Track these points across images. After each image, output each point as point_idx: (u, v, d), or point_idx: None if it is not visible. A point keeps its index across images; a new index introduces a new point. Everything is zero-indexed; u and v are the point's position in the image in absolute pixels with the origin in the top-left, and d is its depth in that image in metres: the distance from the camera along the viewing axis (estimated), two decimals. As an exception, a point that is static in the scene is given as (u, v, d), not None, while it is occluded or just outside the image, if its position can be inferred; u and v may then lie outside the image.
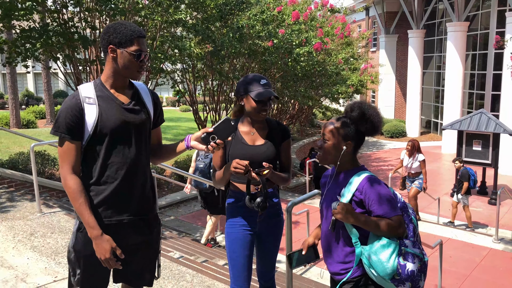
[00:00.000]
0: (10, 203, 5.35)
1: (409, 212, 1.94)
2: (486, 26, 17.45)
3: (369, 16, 27.04)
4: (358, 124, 1.91)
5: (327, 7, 14.89)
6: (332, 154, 1.95)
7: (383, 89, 24.81)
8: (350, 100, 20.36)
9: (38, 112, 22.83)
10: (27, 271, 3.51)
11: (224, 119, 1.95)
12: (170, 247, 4.59)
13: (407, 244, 1.85)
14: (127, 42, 1.83)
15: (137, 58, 1.85)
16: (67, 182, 1.83)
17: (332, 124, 1.95)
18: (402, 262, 1.82)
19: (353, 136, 1.92)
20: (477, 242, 6.79)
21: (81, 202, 1.81)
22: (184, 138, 2.04)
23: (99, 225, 1.83)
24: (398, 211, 1.86)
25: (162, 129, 3.37)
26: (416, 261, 1.84)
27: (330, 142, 1.94)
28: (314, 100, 13.18)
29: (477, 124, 10.25)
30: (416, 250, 1.86)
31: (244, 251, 2.33)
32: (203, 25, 8.08)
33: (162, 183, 8.40)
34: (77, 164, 1.85)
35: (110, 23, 1.94)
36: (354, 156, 1.98)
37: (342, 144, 1.92)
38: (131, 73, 1.88)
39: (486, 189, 11.16)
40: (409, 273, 1.81)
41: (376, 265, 1.82)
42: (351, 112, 1.93)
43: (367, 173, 1.92)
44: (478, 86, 18.11)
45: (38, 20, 6.23)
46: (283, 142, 2.36)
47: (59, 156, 1.86)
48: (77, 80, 7.03)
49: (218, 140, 1.92)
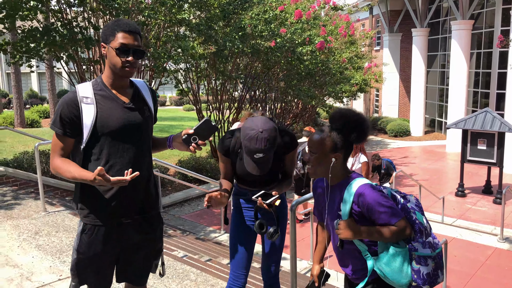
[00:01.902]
0: (15, 202, 5.38)
1: (413, 209, 1.87)
2: (491, 25, 17.35)
3: (372, 15, 26.95)
4: (344, 133, 1.83)
5: (330, 5, 14.85)
6: (322, 167, 1.86)
7: (387, 88, 24.72)
8: (354, 99, 20.34)
9: (42, 111, 22.93)
10: (32, 270, 3.52)
11: (204, 120, 1.96)
12: (174, 246, 4.60)
13: (417, 247, 1.79)
14: (111, 37, 1.79)
15: (122, 54, 1.77)
16: (53, 162, 1.83)
17: (318, 136, 1.85)
18: (415, 267, 1.77)
19: (341, 146, 1.84)
20: (482, 242, 6.76)
21: (72, 166, 1.79)
22: (167, 138, 2.04)
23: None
24: (399, 215, 1.79)
25: (166, 128, 3.33)
26: (429, 262, 1.79)
27: (318, 155, 1.85)
28: (317, 99, 13.16)
29: (482, 123, 10.19)
30: (427, 251, 1.80)
31: (246, 237, 2.41)
32: (206, 25, 8.09)
33: (166, 182, 8.41)
34: (66, 157, 1.85)
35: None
36: (344, 166, 1.90)
37: (331, 156, 1.83)
38: (118, 70, 1.81)
39: (491, 189, 11.10)
40: (425, 276, 1.77)
41: (390, 275, 1.79)
42: (337, 121, 1.84)
43: (360, 182, 1.83)
44: (483, 84, 18.02)
45: (42, 20, 6.25)
46: (288, 153, 2.34)
47: (51, 148, 1.86)
48: (81, 79, 7.05)
49: (199, 141, 1.93)
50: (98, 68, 6.96)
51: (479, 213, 9.44)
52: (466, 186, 11.29)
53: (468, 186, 11.52)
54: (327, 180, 1.93)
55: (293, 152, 2.35)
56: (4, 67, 38.15)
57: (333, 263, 5.40)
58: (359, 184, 1.82)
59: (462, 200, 10.67)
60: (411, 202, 1.91)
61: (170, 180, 8.34)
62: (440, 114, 21.61)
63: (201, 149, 1.97)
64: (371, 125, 1.92)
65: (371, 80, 18.53)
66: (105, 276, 1.96)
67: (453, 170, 13.85)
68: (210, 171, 8.91)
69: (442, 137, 20.21)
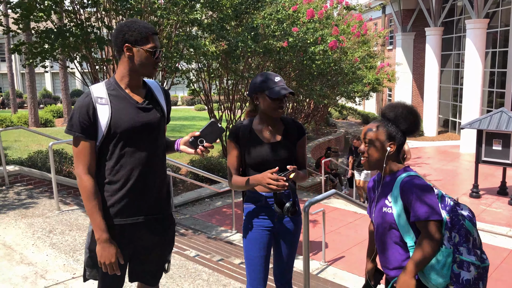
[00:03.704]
0: (30, 201, 5.45)
1: (463, 217, 1.83)
2: (506, 23, 17.07)
3: (385, 14, 26.74)
4: (398, 124, 1.90)
5: (343, 5, 14.77)
6: (377, 157, 1.92)
7: (399, 88, 24.51)
8: (366, 98, 20.19)
9: (55, 111, 23.25)
10: (46, 268, 3.56)
11: (210, 122, 1.95)
12: (186, 245, 4.60)
13: (462, 251, 1.77)
14: (143, 39, 1.83)
15: (153, 55, 1.85)
16: (82, 182, 1.82)
17: (373, 127, 1.93)
18: (456, 270, 1.75)
19: (395, 136, 1.90)
20: (497, 244, 6.65)
21: (94, 204, 1.81)
22: (175, 141, 2.04)
23: (111, 227, 1.84)
24: (435, 215, 1.75)
25: (178, 128, 3.32)
26: (472, 269, 1.76)
27: (373, 145, 1.92)
28: (329, 99, 13.10)
29: (497, 123, 10.02)
30: (471, 257, 1.77)
31: (261, 251, 2.31)
32: (218, 25, 8.10)
33: (178, 181, 8.45)
34: (92, 164, 1.84)
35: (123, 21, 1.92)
36: (397, 157, 1.94)
37: (386, 146, 1.90)
38: (148, 70, 1.88)
39: (507, 190, 10.92)
40: (465, 282, 1.74)
41: (429, 273, 1.77)
42: (390, 112, 1.91)
43: (410, 174, 1.87)
44: (498, 84, 17.74)
45: (56, 21, 6.32)
46: (299, 140, 2.34)
47: (74, 155, 1.85)
48: (94, 79, 7.11)
49: (206, 143, 1.92)
50: (111, 68, 7.01)
51: (494, 214, 9.29)
52: (481, 187, 11.13)
53: (483, 187, 11.36)
54: (380, 174, 1.98)
55: (304, 139, 2.35)
56: (19, 68, 38.76)
57: (347, 264, 5.37)
58: (409, 175, 1.86)
59: (476, 201, 10.51)
60: (464, 209, 1.88)
61: (182, 180, 8.37)
62: (454, 114, 21.34)
63: (208, 152, 1.96)
64: (420, 118, 1.98)
65: (383, 79, 18.38)
66: (118, 275, 1.96)
67: (468, 171, 13.66)
68: (221, 170, 8.92)
69: (456, 137, 19.95)
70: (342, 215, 7.65)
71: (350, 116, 27.11)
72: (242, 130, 2.30)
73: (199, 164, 8.77)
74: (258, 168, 2.25)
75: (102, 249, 1.80)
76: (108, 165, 1.85)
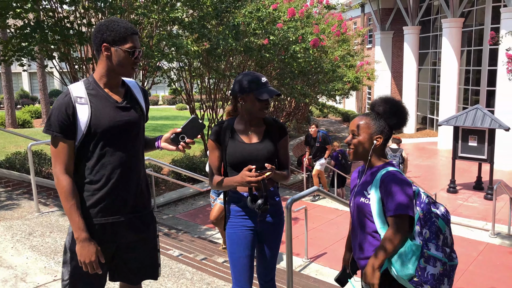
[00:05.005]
0: (8, 203, 5.34)
1: (437, 215, 1.90)
2: (481, 22, 17.52)
3: (364, 13, 27.08)
4: (386, 118, 1.95)
5: (323, 4, 14.90)
6: (363, 149, 1.97)
7: (379, 86, 24.86)
8: (346, 97, 20.42)
9: (34, 111, 22.76)
10: (26, 271, 3.50)
11: (191, 118, 1.96)
12: (169, 245, 4.60)
13: (430, 247, 1.83)
14: (121, 39, 1.82)
15: (132, 55, 1.85)
16: (60, 182, 1.81)
17: (362, 119, 1.98)
18: (422, 264, 1.81)
19: (382, 130, 1.95)
20: (473, 237, 6.84)
21: (72, 204, 1.80)
22: (156, 138, 2.05)
23: (91, 226, 1.83)
24: (407, 210, 1.82)
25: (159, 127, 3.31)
26: (438, 265, 1.82)
27: (361, 137, 1.97)
28: (310, 97, 13.20)
29: (473, 120, 10.30)
30: (439, 254, 1.84)
31: (245, 251, 2.33)
32: (199, 23, 8.08)
33: (160, 181, 8.40)
34: (70, 164, 1.83)
35: (102, 20, 1.92)
36: (383, 152, 1.99)
37: (373, 138, 1.95)
38: (126, 70, 1.87)
39: (482, 184, 11.23)
40: (429, 276, 1.80)
41: (397, 264, 1.83)
42: (379, 106, 1.96)
43: (390, 169, 1.92)
44: (473, 82, 18.19)
45: (32, 19, 6.19)
46: (281, 140, 2.36)
47: (52, 155, 1.84)
48: (73, 79, 7.01)
49: (187, 139, 1.94)
50: (91, 67, 6.92)
51: (470, 209, 9.56)
52: (458, 183, 11.41)
53: (460, 183, 11.64)
54: (363, 166, 2.03)
55: (285, 139, 2.37)
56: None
57: (329, 260, 5.45)
58: (389, 170, 1.91)
59: (454, 196, 10.79)
60: (439, 210, 1.94)
61: (164, 180, 8.33)
62: (432, 111, 21.79)
63: (190, 148, 1.98)
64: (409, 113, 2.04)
65: (363, 78, 18.63)
66: (99, 275, 1.95)
67: (445, 167, 13.98)
68: (204, 169, 8.90)
69: (434, 134, 20.38)
70: (324, 212, 7.75)
71: (330, 114, 27.39)
72: (223, 130, 2.31)
73: (181, 164, 8.74)
74: (239, 168, 2.25)
75: (82, 248, 1.80)
76: (88, 164, 1.84)
